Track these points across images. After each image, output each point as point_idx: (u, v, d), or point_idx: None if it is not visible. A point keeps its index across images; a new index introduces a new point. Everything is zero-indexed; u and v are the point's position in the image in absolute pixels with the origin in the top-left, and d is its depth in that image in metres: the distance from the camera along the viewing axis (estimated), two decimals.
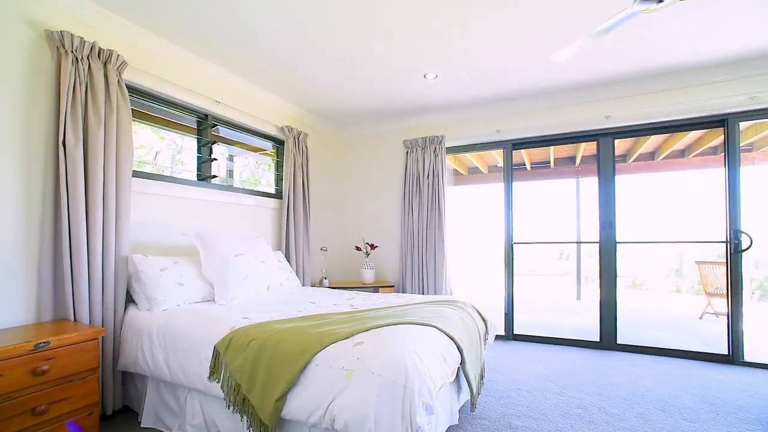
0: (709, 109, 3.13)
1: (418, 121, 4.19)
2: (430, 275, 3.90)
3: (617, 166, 3.56)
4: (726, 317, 3.17)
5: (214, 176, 3.03)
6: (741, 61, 2.94)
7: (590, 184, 3.54)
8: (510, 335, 3.83)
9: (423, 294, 3.87)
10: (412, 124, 4.23)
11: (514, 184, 3.92)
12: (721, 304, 3.59)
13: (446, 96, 3.59)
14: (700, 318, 4.92)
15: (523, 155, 6.10)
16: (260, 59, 2.83)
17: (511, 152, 3.91)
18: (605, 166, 3.54)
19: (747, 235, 3.06)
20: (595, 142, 3.59)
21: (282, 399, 1.46)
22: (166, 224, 2.61)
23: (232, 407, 1.61)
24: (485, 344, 2.35)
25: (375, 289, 3.87)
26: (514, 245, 3.89)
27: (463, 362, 1.77)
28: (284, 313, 2.11)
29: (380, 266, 4.38)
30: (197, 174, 2.97)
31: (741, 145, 3.14)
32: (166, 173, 2.93)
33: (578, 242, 7.17)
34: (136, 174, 2.43)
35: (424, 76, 3.16)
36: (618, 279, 3.52)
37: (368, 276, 3.96)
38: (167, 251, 2.59)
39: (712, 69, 3.05)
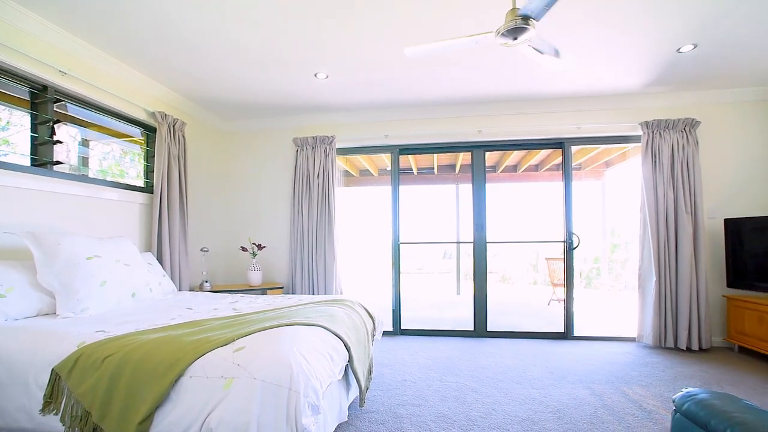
0: (552, 133, 3.82)
1: (309, 120, 4.14)
2: (320, 275, 3.88)
3: (488, 175, 4.08)
4: (564, 302, 3.90)
5: (58, 162, 2.48)
6: (572, 98, 3.67)
7: (468, 190, 3.97)
8: (397, 330, 4.05)
9: (314, 294, 3.82)
10: (303, 123, 4.16)
11: (401, 187, 4.15)
12: (562, 292, 4.42)
13: (337, 97, 3.63)
14: (548, 304, 5.95)
15: (411, 160, 6.53)
16: (125, 31, 2.44)
17: (398, 157, 4.14)
18: (478, 175, 4.02)
19: (577, 236, 3.82)
20: (470, 153, 4.05)
21: (147, 420, 1.27)
22: None
23: None
24: (373, 340, 2.44)
25: (263, 291, 3.68)
26: (401, 245, 4.12)
27: (351, 359, 1.80)
28: (154, 322, 1.85)
29: (268, 267, 4.18)
30: (31, 158, 2.39)
31: (573, 164, 3.92)
32: None
33: (457, 242, 7.97)
34: None
35: (315, 75, 3.14)
36: (489, 275, 4.02)
37: (255, 278, 3.74)
38: None
39: (554, 101, 3.73)
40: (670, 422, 1.05)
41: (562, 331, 3.85)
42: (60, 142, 2.50)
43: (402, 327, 4.08)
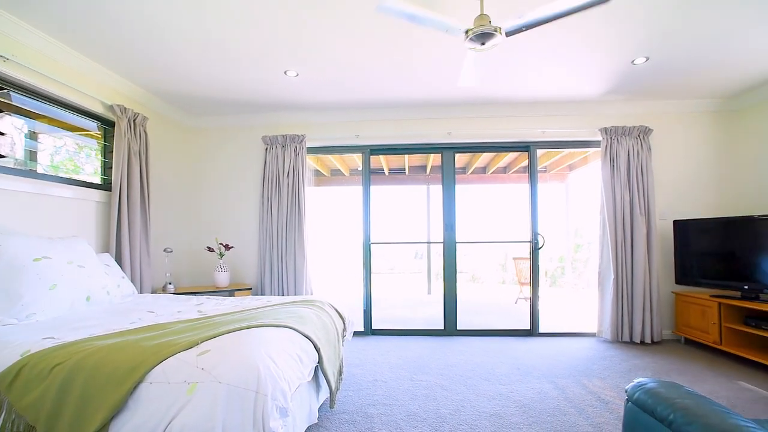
0: (519, 136, 3.95)
1: (279, 118, 4.07)
2: (290, 276, 3.81)
3: (457, 176, 4.16)
4: (530, 300, 4.04)
5: (1, 156, 2.30)
6: (537, 104, 3.81)
7: (438, 190, 4.04)
8: (369, 330, 4.05)
9: (283, 295, 3.75)
10: (273, 120, 4.08)
11: (372, 187, 4.16)
12: (528, 291, 4.58)
13: (308, 96, 3.59)
14: (516, 303, 6.13)
15: (382, 160, 6.55)
16: (79, 18, 2.30)
17: (369, 157, 4.15)
18: (448, 176, 4.09)
19: (542, 236, 3.97)
20: (440, 154, 4.12)
21: (102, 431, 1.20)
22: None
23: None
24: (343, 341, 2.42)
25: (230, 292, 3.57)
26: (372, 245, 4.13)
27: (320, 360, 1.78)
28: (111, 326, 1.75)
29: (236, 268, 4.07)
30: None
31: (538, 167, 4.07)
32: None
33: (428, 242, 8.07)
34: None
35: (285, 73, 3.09)
36: (459, 274, 4.10)
37: (222, 279, 3.63)
38: None
39: (521, 106, 3.86)
40: (623, 411, 1.11)
41: (529, 328, 3.98)
42: (2, 134, 2.31)
43: (373, 327, 4.08)
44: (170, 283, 3.46)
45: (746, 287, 3.08)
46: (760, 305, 2.86)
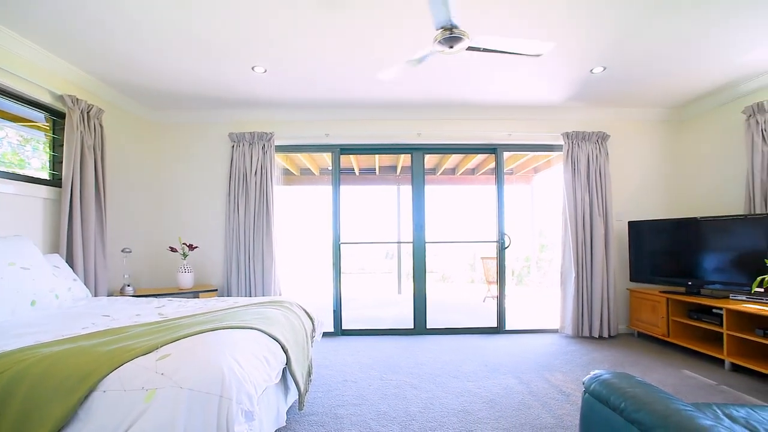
0: (486, 139, 4.06)
1: (247, 115, 3.96)
2: (257, 277, 3.72)
3: (427, 177, 4.21)
4: (497, 299, 4.15)
5: None
6: (504, 107, 3.93)
7: (408, 191, 4.07)
8: (339, 331, 4.02)
9: (251, 297, 3.65)
10: (240, 117, 3.97)
11: (342, 187, 4.13)
12: (496, 290, 4.70)
13: (276, 93, 3.51)
14: (484, 301, 6.29)
15: (352, 160, 6.53)
16: (24, 1, 2.13)
17: (339, 156, 4.12)
18: (417, 177, 4.14)
19: (508, 236, 4.09)
20: (410, 155, 4.16)
21: None
22: None
23: None
24: (312, 342, 2.39)
25: (195, 294, 3.43)
26: (342, 245, 4.10)
27: (289, 362, 1.74)
28: (60, 332, 1.63)
29: (201, 269, 3.92)
30: None
31: (505, 169, 4.20)
32: None
33: (398, 242, 8.12)
34: None
35: (253, 69, 3.01)
36: (430, 274, 4.15)
37: (186, 280, 3.49)
38: None
39: (488, 109, 3.96)
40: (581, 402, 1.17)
41: (496, 326, 4.10)
42: None
43: (343, 327, 4.06)
44: (129, 285, 3.28)
45: (690, 283, 3.32)
46: (701, 299, 3.09)
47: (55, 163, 2.92)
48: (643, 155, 4.06)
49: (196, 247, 3.74)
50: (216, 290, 3.66)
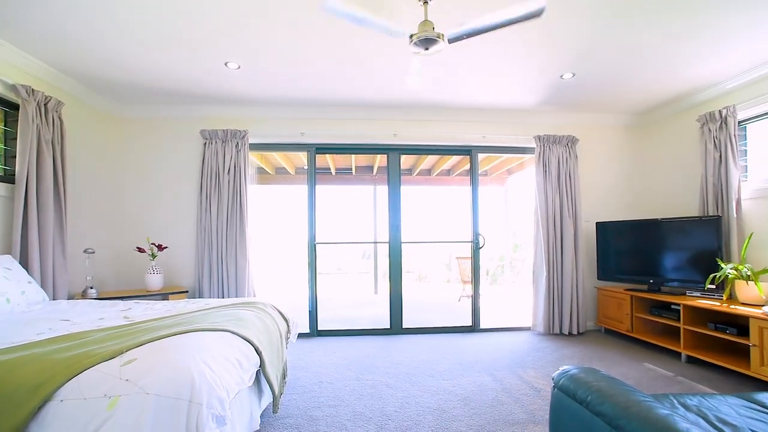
0: (461, 140, 4.12)
1: (219, 111, 3.85)
2: (231, 278, 3.62)
3: (404, 177, 4.23)
4: (471, 298, 4.23)
5: None
6: (479, 110, 4.01)
7: (385, 191, 4.07)
8: (314, 331, 3.97)
9: (224, 298, 3.55)
10: (212, 114, 3.85)
11: (318, 186, 4.09)
12: (471, 289, 4.79)
13: (250, 90, 3.43)
14: (459, 300, 6.37)
15: (328, 160, 6.47)
16: None
17: (315, 156, 4.08)
18: (393, 177, 4.15)
19: (483, 236, 4.17)
20: (386, 155, 4.17)
21: None
22: None
23: None
24: (287, 343, 2.35)
25: (164, 296, 3.31)
26: (317, 245, 4.06)
27: (262, 364, 1.70)
28: (11, 339, 1.53)
29: (171, 270, 3.77)
30: None
31: (479, 170, 4.28)
32: None
33: (375, 242, 8.10)
34: None
35: (226, 64, 2.93)
36: (406, 274, 4.19)
37: (154, 282, 3.35)
38: None
39: (463, 112, 4.03)
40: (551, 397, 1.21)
41: (471, 324, 4.16)
42: None
43: (319, 328, 4.01)
44: (92, 288, 3.12)
45: (651, 281, 3.49)
46: (661, 296, 3.26)
47: (8, 157, 2.74)
48: (609, 159, 4.24)
49: (166, 247, 3.60)
50: (187, 292, 3.54)
